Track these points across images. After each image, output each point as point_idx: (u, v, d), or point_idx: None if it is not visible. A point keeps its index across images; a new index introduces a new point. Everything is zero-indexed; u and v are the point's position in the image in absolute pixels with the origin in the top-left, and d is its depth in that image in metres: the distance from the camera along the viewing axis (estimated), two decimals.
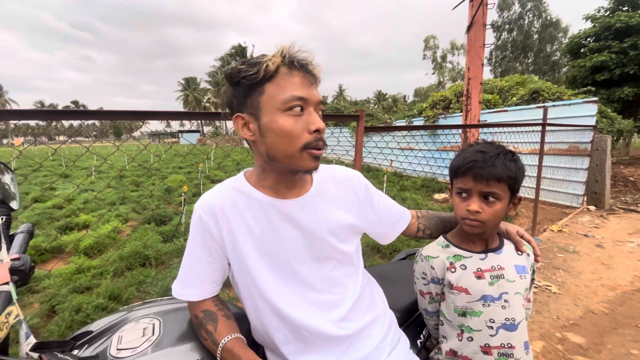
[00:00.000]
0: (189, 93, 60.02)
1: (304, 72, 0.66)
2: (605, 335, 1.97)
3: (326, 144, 0.70)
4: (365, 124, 1.83)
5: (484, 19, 5.09)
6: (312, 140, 0.66)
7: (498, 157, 0.78)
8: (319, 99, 0.68)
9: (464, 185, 0.81)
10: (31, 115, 1.25)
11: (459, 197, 0.83)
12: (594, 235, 3.79)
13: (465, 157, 0.81)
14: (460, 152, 0.86)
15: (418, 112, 10.09)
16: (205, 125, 56.71)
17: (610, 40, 10.88)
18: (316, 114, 0.67)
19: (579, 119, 5.03)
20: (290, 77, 0.65)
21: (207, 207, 0.73)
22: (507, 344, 0.79)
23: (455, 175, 0.84)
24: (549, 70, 30.02)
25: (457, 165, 0.82)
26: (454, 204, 0.86)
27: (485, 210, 0.79)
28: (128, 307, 0.83)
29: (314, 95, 0.67)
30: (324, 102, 0.70)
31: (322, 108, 0.71)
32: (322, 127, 0.67)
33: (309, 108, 0.67)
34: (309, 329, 0.72)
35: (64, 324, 1.96)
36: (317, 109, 0.69)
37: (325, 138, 0.82)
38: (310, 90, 0.66)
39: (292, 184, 0.74)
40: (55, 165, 13.29)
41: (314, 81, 0.68)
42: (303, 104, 0.65)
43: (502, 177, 0.77)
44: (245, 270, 0.73)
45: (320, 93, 0.72)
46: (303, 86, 0.66)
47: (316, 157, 0.67)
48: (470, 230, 0.82)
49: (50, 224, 4.15)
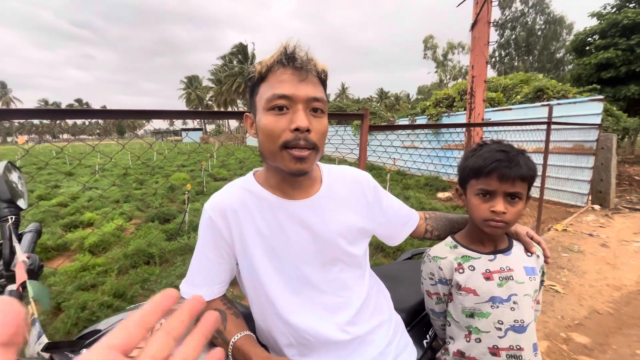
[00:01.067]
0: (191, 91, 60.13)
1: (293, 68, 0.64)
2: (610, 336, 1.96)
3: (315, 145, 0.64)
4: (369, 122, 1.82)
5: (489, 16, 5.05)
6: (290, 139, 0.62)
7: (521, 156, 0.77)
8: (309, 95, 0.63)
9: (487, 186, 0.78)
10: (37, 114, 1.25)
11: (480, 198, 0.80)
12: (599, 234, 3.76)
13: (487, 157, 0.77)
14: (472, 152, 0.83)
15: (421, 110, 10.04)
16: (208, 123, 56.82)
17: (616, 38, 10.75)
18: (302, 112, 0.63)
19: (584, 117, 4.98)
20: (280, 75, 0.64)
21: (217, 208, 0.73)
22: (516, 346, 0.78)
23: (475, 175, 0.80)
24: (553, 68, 29.75)
25: (479, 165, 0.78)
26: (472, 205, 0.82)
27: (510, 210, 0.77)
28: (136, 306, 0.83)
29: (302, 91, 0.63)
30: (318, 98, 0.65)
31: (317, 105, 0.65)
32: (302, 125, 0.61)
33: (295, 106, 0.63)
34: (313, 333, 0.71)
35: (70, 322, 1.98)
36: (308, 107, 0.64)
37: (330, 137, 0.81)
38: (298, 87, 0.63)
39: (297, 184, 0.73)
40: (60, 163, 13.38)
41: (306, 77, 0.64)
42: (287, 102, 0.63)
43: (527, 176, 0.76)
44: (253, 272, 0.72)
45: (318, 89, 0.67)
46: (291, 83, 0.63)
47: (297, 157, 0.63)
48: (493, 232, 0.80)
49: (55, 222, 4.19)
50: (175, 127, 51.12)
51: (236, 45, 46.25)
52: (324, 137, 0.68)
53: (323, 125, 0.67)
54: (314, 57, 0.66)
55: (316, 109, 0.65)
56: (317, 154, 0.67)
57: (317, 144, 0.65)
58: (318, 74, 0.67)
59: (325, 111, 0.69)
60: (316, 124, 0.65)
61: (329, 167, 0.83)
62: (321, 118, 0.67)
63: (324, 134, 0.68)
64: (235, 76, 42.98)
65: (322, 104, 0.66)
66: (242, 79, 41.96)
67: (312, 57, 0.66)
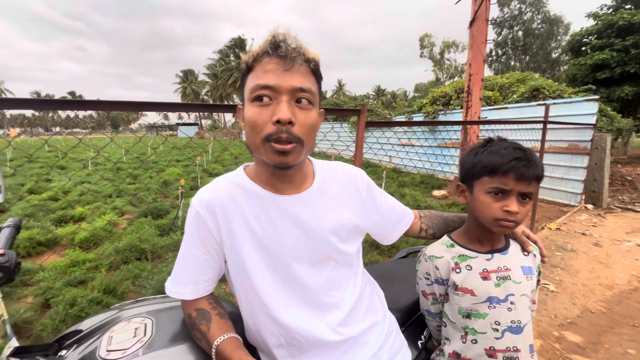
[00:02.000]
0: (187, 85, 59.55)
1: (279, 57, 0.60)
2: (602, 335, 1.97)
3: (299, 139, 0.61)
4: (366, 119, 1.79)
5: (487, 14, 5.03)
6: (272, 132, 0.59)
7: (535, 156, 0.76)
8: (293, 85, 0.60)
9: (503, 185, 0.74)
10: (27, 104, 1.21)
11: (492, 197, 0.76)
12: (592, 233, 3.79)
13: (504, 154, 0.74)
14: (482, 148, 0.79)
15: (418, 108, 10.04)
16: (204, 118, 56.35)
17: (612, 38, 10.82)
18: (285, 104, 0.59)
19: (579, 117, 5.01)
20: (265, 65, 0.61)
21: (204, 203, 0.70)
22: (513, 347, 0.77)
23: (490, 173, 0.76)
24: (549, 68, 29.94)
25: (496, 163, 0.74)
26: (481, 203, 0.78)
27: (521, 210, 0.74)
28: (119, 305, 0.80)
29: (286, 82, 0.59)
30: (304, 89, 0.61)
31: (302, 96, 0.61)
32: (283, 117, 0.58)
33: (279, 97, 0.60)
34: (304, 333, 0.69)
35: (58, 318, 1.94)
36: (293, 98, 0.61)
37: (325, 133, 0.78)
38: (282, 76, 0.60)
39: (287, 178, 0.70)
40: (52, 156, 13.17)
41: (291, 67, 0.60)
42: (271, 92, 0.60)
43: (541, 176, 0.75)
44: (242, 269, 0.70)
45: (307, 79, 0.62)
46: (274, 73, 0.60)
47: (278, 151, 0.60)
48: (503, 231, 0.78)
49: (45, 216, 4.11)
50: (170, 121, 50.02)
51: (234, 39, 45.86)
52: (312, 130, 0.64)
53: (309, 118, 0.63)
54: (302, 46, 0.62)
55: (301, 100, 0.62)
56: (303, 148, 0.63)
57: (301, 138, 0.61)
58: (308, 64, 0.63)
59: (315, 103, 0.64)
60: (301, 117, 0.62)
61: (321, 162, 0.80)
62: (308, 110, 0.63)
63: (310, 127, 0.63)
64: (232, 70, 42.65)
65: (309, 94, 0.62)
66: (238, 73, 41.65)
67: (300, 45, 0.62)
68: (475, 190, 0.80)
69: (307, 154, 0.67)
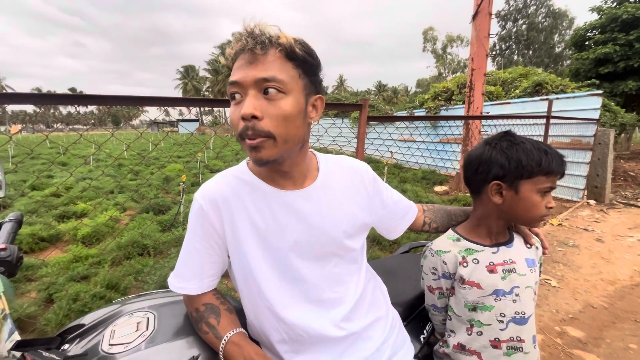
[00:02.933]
0: (187, 81, 59.42)
1: (243, 52, 0.58)
2: (604, 330, 1.97)
3: (268, 133, 0.57)
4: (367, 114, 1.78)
5: (490, 7, 4.98)
6: (242, 129, 0.57)
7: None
8: (255, 77, 0.56)
9: (553, 183, 0.77)
10: (29, 99, 1.20)
11: (541, 196, 0.76)
12: (594, 229, 3.78)
13: (554, 155, 0.76)
14: (517, 145, 0.77)
15: (420, 103, 9.99)
16: (204, 114, 56.30)
17: (616, 32, 10.72)
18: (249, 98, 0.56)
19: (582, 112, 4.97)
20: (236, 63, 0.60)
21: (208, 197, 0.69)
22: (517, 338, 0.78)
23: (547, 174, 0.75)
24: (552, 62, 29.71)
25: (553, 166, 0.75)
26: (531, 203, 0.76)
27: None
28: (121, 299, 0.80)
29: (247, 75, 0.56)
30: (267, 78, 0.56)
31: (269, 85, 0.56)
32: (245, 113, 0.55)
33: (246, 91, 0.57)
34: (307, 329, 0.68)
35: (62, 313, 1.95)
36: (260, 89, 0.57)
37: (326, 128, 0.76)
38: (245, 70, 0.57)
39: (285, 173, 0.69)
40: (54, 153, 13.20)
41: (254, 59, 0.57)
42: (239, 89, 0.58)
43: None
44: (246, 264, 0.69)
45: (275, 67, 0.57)
46: (240, 68, 0.58)
47: (249, 147, 0.58)
48: (539, 226, 0.84)
49: (47, 212, 4.13)
50: (171, 117, 50.15)
51: (234, 34, 45.59)
52: (285, 121, 0.58)
53: (280, 109, 0.57)
54: (270, 33, 0.57)
55: (267, 90, 0.57)
56: (276, 142, 0.58)
57: (270, 132, 0.57)
58: (276, 49, 0.58)
59: (288, 90, 0.58)
60: (270, 109, 0.57)
61: (326, 156, 0.80)
62: (278, 100, 0.57)
63: (283, 118, 0.58)
64: None
65: (277, 83, 0.56)
66: None
67: (265, 32, 0.57)
68: (523, 189, 0.76)
69: (291, 147, 0.62)
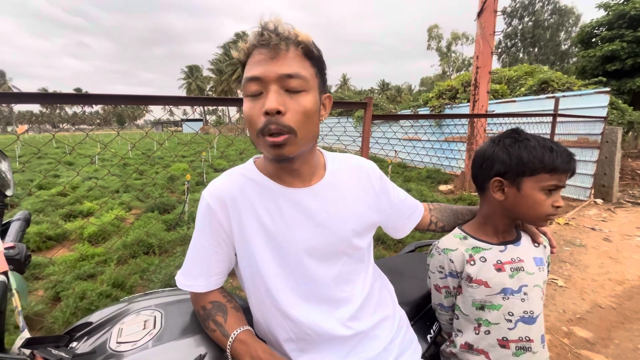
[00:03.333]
0: (192, 81, 59.67)
1: (263, 47, 0.58)
2: (612, 330, 1.95)
3: (291, 129, 0.57)
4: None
5: (495, 5, 4.93)
6: (263, 124, 0.57)
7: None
8: (279, 73, 0.57)
9: (559, 182, 0.74)
10: (34, 98, 1.21)
11: (546, 194, 0.75)
12: (601, 228, 3.74)
13: (561, 152, 0.74)
14: (521, 142, 0.76)
15: (424, 102, 9.94)
16: (208, 114, 56.55)
17: (623, 29, 10.58)
18: (273, 93, 0.57)
19: (589, 110, 4.91)
20: (254, 58, 0.59)
21: (215, 195, 0.69)
22: (526, 337, 0.77)
23: (551, 171, 0.74)
24: (558, 60, 29.39)
25: (558, 162, 0.73)
26: (534, 201, 0.75)
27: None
28: (129, 298, 0.80)
29: (271, 71, 0.57)
30: (292, 74, 0.57)
31: (292, 84, 0.58)
32: (269, 107, 0.55)
33: (268, 87, 0.58)
34: (314, 328, 0.68)
35: (69, 311, 1.97)
36: (282, 86, 0.58)
37: (330, 126, 0.76)
38: (267, 66, 0.57)
39: (294, 172, 0.69)
40: (60, 152, 13.33)
41: (277, 54, 0.57)
42: (260, 84, 0.58)
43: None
44: (253, 263, 0.69)
45: (297, 64, 0.59)
46: (260, 63, 0.58)
47: (272, 144, 0.58)
48: (546, 225, 0.81)
49: (54, 211, 4.17)
50: (175, 117, 50.46)
51: (238, 34, 45.70)
52: (306, 117, 0.60)
53: (302, 105, 0.59)
54: (290, 30, 0.59)
55: (292, 88, 0.58)
56: (298, 138, 0.59)
57: (293, 127, 0.58)
58: (297, 47, 0.59)
59: (308, 88, 0.60)
60: (292, 104, 0.58)
61: (333, 155, 0.79)
62: (301, 97, 0.59)
63: (304, 114, 0.59)
64: (236, 65, 42.61)
65: (300, 80, 0.58)
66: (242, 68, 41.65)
67: (286, 30, 0.59)
68: (525, 187, 0.75)
69: (308, 144, 0.64)
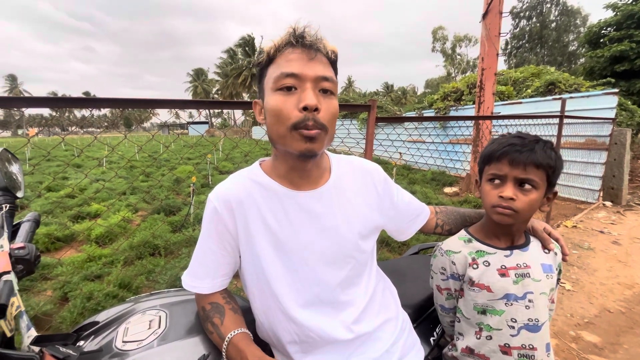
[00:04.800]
0: (198, 84, 60.22)
1: (302, 47, 0.61)
2: (621, 335, 1.91)
3: (324, 126, 0.61)
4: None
5: (501, 6, 4.91)
6: (299, 119, 0.59)
7: (537, 144, 0.74)
8: (317, 74, 0.61)
9: (498, 170, 0.76)
10: (42, 102, 1.24)
11: (491, 184, 0.78)
12: (610, 231, 3.68)
13: (502, 142, 0.76)
14: (492, 141, 0.81)
15: (429, 104, 9.90)
16: (214, 117, 57.01)
17: (632, 29, 10.43)
18: (310, 91, 0.60)
19: (597, 111, 4.85)
20: (289, 55, 0.62)
21: (222, 198, 0.70)
22: (529, 345, 0.76)
23: (488, 161, 0.79)
24: (565, 61, 29.08)
25: (492, 150, 0.77)
26: (483, 192, 0.80)
27: (520, 198, 0.73)
28: (135, 298, 0.81)
29: (310, 70, 0.60)
30: (327, 77, 0.62)
31: (326, 86, 0.62)
32: (310, 104, 0.58)
33: (304, 85, 0.60)
34: (318, 331, 0.69)
35: (76, 311, 1.99)
36: (317, 86, 0.62)
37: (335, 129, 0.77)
38: (307, 65, 0.61)
39: (305, 172, 0.70)
40: (69, 155, 13.54)
41: (315, 56, 0.62)
42: (296, 81, 0.60)
43: (541, 163, 0.72)
44: (258, 265, 0.70)
45: (328, 69, 0.64)
46: (299, 62, 0.61)
47: (306, 137, 0.60)
48: (501, 219, 0.76)
49: (62, 213, 4.23)
50: (181, 120, 50.50)
51: (243, 38, 46.07)
52: (334, 118, 0.65)
53: (332, 107, 0.64)
54: (323, 37, 0.64)
55: (325, 90, 0.63)
56: (327, 136, 0.63)
57: (326, 125, 0.62)
58: (327, 55, 0.64)
59: (335, 93, 0.65)
60: (325, 105, 0.62)
61: (338, 157, 0.80)
62: (331, 99, 0.64)
63: (334, 115, 0.64)
64: (241, 69, 42.88)
65: (332, 84, 0.63)
66: (248, 72, 41.84)
67: (322, 37, 0.64)
68: (482, 182, 0.82)
69: (328, 144, 0.67)
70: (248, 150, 12.79)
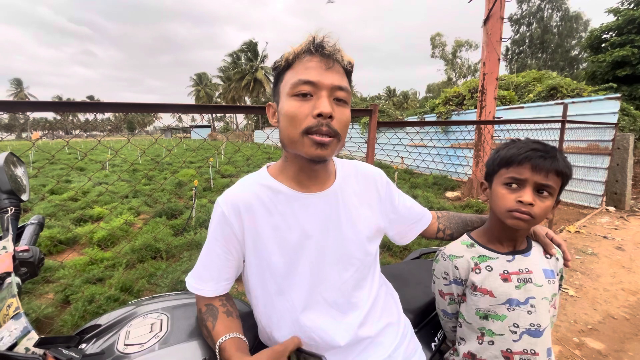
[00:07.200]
0: (200, 89, 60.61)
1: (321, 56, 0.64)
2: (626, 342, 1.89)
3: (336, 133, 0.63)
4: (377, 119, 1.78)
5: (502, 12, 4.94)
6: (313, 125, 0.62)
7: (558, 152, 0.75)
8: (334, 83, 0.63)
9: (518, 174, 0.74)
10: (50, 106, 1.25)
11: (507, 188, 0.76)
12: (614, 237, 3.65)
13: (522, 147, 0.75)
14: (505, 145, 0.80)
15: (430, 108, 9.92)
16: (216, 120, 57.28)
17: (633, 34, 10.44)
18: (326, 99, 0.62)
19: (599, 116, 4.84)
20: (307, 62, 0.64)
21: (230, 203, 0.71)
22: (531, 350, 0.75)
23: (506, 164, 0.76)
24: (567, 66, 29.09)
25: (512, 154, 0.75)
26: (496, 195, 0.78)
27: (538, 204, 0.73)
28: (136, 301, 0.82)
29: (327, 79, 0.63)
30: (342, 87, 0.64)
31: (340, 95, 0.65)
32: (325, 111, 0.61)
33: (319, 92, 0.63)
34: (322, 334, 0.69)
35: (77, 314, 2.00)
36: (332, 95, 0.64)
37: None
38: (324, 74, 0.63)
39: (313, 174, 0.71)
40: (72, 158, 13.63)
41: (332, 66, 0.64)
42: (312, 88, 0.62)
43: (562, 171, 0.73)
44: (266, 268, 0.70)
45: (344, 79, 0.67)
46: (316, 70, 0.63)
47: (318, 143, 0.62)
48: (516, 224, 0.75)
49: (65, 216, 4.25)
50: (184, 123, 50.75)
51: (245, 43, 46.41)
52: (346, 127, 0.67)
53: (345, 115, 0.66)
54: (341, 49, 0.66)
55: (340, 99, 0.65)
56: (338, 143, 0.66)
57: (338, 132, 0.64)
58: (344, 66, 0.66)
59: (349, 102, 0.67)
60: (339, 113, 0.64)
61: (342, 161, 0.82)
62: (344, 108, 0.66)
63: (346, 123, 0.66)
64: (244, 73, 43.14)
65: (346, 94, 0.66)
66: (250, 76, 42.09)
67: (340, 48, 0.66)
68: (493, 185, 0.80)
69: (338, 151, 0.69)
70: (250, 154, 12.83)
